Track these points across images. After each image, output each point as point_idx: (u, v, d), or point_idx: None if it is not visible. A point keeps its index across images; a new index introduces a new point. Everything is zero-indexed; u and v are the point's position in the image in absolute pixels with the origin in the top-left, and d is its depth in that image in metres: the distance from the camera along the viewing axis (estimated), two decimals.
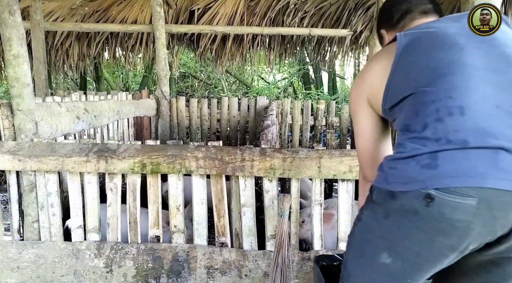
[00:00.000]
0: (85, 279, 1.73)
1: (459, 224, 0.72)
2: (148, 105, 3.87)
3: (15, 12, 1.72)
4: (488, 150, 0.72)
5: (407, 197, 0.76)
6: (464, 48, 0.85)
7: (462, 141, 0.74)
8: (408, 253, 0.79)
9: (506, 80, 0.80)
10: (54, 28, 4.44)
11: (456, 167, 0.73)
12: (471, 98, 0.78)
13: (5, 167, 1.73)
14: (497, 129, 0.74)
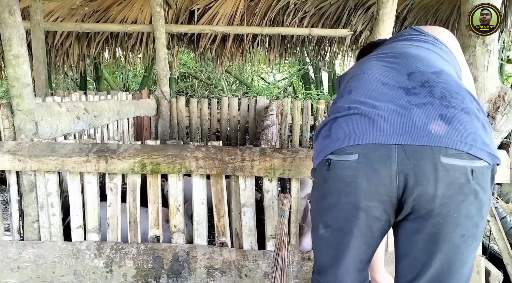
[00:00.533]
0: (85, 279, 1.73)
1: (349, 180, 0.83)
2: (148, 105, 3.87)
3: (15, 12, 1.72)
4: (367, 116, 0.85)
5: (320, 168, 0.91)
6: (368, 68, 1.01)
7: (346, 109, 0.89)
8: (331, 220, 0.91)
9: (397, 68, 0.96)
10: (54, 28, 4.44)
11: (342, 132, 0.87)
12: (361, 82, 0.96)
13: (5, 167, 1.73)
14: (375, 98, 0.88)
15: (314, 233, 1.00)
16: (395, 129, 0.81)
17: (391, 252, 1.72)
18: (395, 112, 0.83)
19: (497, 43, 1.64)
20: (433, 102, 0.84)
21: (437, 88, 0.87)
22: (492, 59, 1.61)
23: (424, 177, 0.79)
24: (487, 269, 1.69)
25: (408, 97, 0.86)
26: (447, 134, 0.79)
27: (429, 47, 1.05)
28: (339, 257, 0.94)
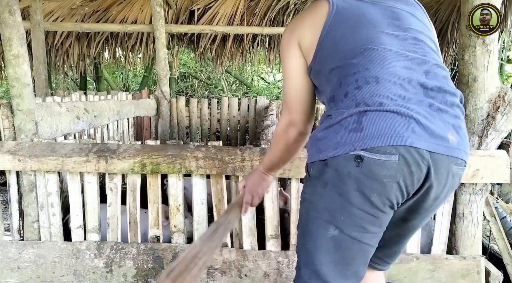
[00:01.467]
0: (85, 279, 1.73)
1: (386, 180, 0.81)
2: (148, 105, 3.87)
3: (15, 12, 1.72)
4: (401, 115, 0.82)
5: (339, 161, 0.84)
6: (384, 30, 0.94)
7: (378, 104, 0.83)
8: (352, 218, 0.85)
9: (414, 59, 0.91)
10: (54, 28, 4.44)
11: (378, 128, 0.81)
12: (384, 70, 0.87)
13: (5, 167, 1.73)
14: (402, 95, 0.85)
15: (316, 237, 0.90)
16: (427, 134, 0.82)
17: None
18: (424, 116, 0.83)
19: (497, 43, 1.64)
20: (447, 110, 0.87)
21: (448, 95, 0.90)
22: (492, 59, 1.61)
23: (438, 182, 0.85)
24: (487, 269, 1.70)
25: (428, 100, 0.86)
26: (458, 145, 0.85)
27: (423, 17, 1.07)
28: (353, 259, 0.90)
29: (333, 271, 0.90)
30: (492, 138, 1.66)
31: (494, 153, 1.62)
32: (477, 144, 1.68)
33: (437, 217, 1.71)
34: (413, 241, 1.71)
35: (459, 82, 1.74)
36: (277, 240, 1.74)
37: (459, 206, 1.72)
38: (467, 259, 1.68)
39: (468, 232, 1.72)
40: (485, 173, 1.59)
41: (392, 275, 1.67)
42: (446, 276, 1.66)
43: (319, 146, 0.89)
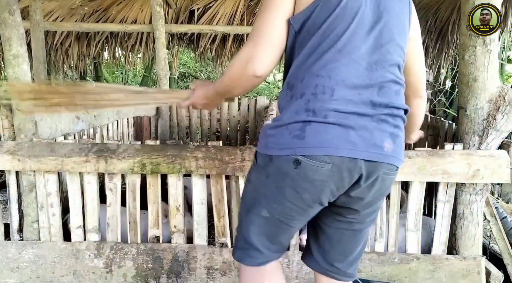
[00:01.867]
0: (84, 279, 1.73)
1: (318, 183, 0.95)
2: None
3: (14, 12, 1.72)
4: (342, 127, 0.93)
5: (281, 161, 0.96)
6: (363, 33, 0.98)
7: (323, 116, 0.93)
8: (283, 208, 1.00)
9: (374, 75, 0.98)
10: (53, 28, 4.44)
11: (318, 139, 0.93)
12: (343, 83, 0.95)
13: (4, 167, 1.73)
14: (350, 104, 0.94)
15: (252, 213, 1.06)
16: (364, 144, 0.94)
17: (391, 253, 1.72)
18: (364, 128, 0.94)
19: (497, 43, 1.64)
20: (388, 120, 0.98)
21: (394, 109, 1.00)
22: (492, 59, 1.61)
23: (366, 185, 0.97)
24: (487, 269, 1.69)
25: (373, 112, 0.96)
26: (392, 152, 0.97)
27: (406, 15, 1.07)
28: (278, 234, 1.07)
29: (261, 241, 1.07)
30: (492, 138, 1.66)
31: (494, 153, 1.62)
32: (478, 144, 1.67)
33: (438, 217, 1.70)
34: (413, 241, 1.71)
35: (459, 82, 1.73)
36: None
37: (459, 206, 1.72)
38: (468, 259, 1.68)
39: (468, 232, 1.72)
40: (485, 173, 1.59)
41: (392, 275, 1.67)
42: (447, 276, 1.66)
43: (267, 142, 1.00)
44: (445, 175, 1.60)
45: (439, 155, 1.62)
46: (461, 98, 1.73)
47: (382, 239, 1.72)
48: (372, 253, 1.71)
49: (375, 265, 1.68)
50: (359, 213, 1.05)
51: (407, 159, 1.60)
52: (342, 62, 0.96)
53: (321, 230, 1.12)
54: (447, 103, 5.41)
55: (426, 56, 4.82)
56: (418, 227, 1.70)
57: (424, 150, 1.65)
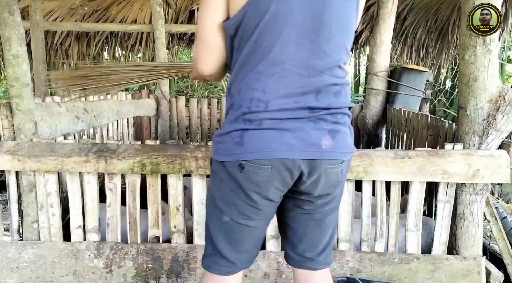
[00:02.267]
0: (84, 279, 1.73)
1: (262, 184, 1.01)
2: (148, 105, 3.86)
3: (14, 12, 1.71)
4: (277, 131, 0.99)
5: (229, 165, 1.02)
6: (297, 39, 0.99)
7: (258, 123, 0.99)
8: (239, 209, 1.05)
9: (311, 80, 1.00)
10: (53, 28, 4.43)
11: (255, 145, 0.99)
12: (278, 94, 0.99)
13: (4, 167, 1.72)
14: (287, 116, 0.99)
15: (216, 220, 1.10)
16: (300, 145, 0.99)
17: (391, 253, 1.72)
18: (301, 129, 1.00)
19: (497, 43, 1.64)
20: (326, 118, 1.03)
21: (332, 109, 1.03)
22: (492, 59, 1.61)
23: (310, 180, 1.03)
24: (487, 270, 1.69)
25: (309, 114, 1.01)
26: (332, 148, 1.02)
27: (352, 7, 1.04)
28: (244, 239, 1.10)
29: (228, 248, 1.10)
30: (492, 138, 1.65)
31: (494, 153, 1.62)
32: (478, 144, 1.67)
33: (438, 217, 1.70)
34: (413, 241, 1.71)
35: (459, 82, 1.73)
36: (277, 240, 1.74)
37: (459, 206, 1.72)
38: (468, 260, 1.67)
39: (468, 232, 1.72)
40: (485, 173, 1.59)
41: (392, 275, 1.67)
42: (447, 277, 1.66)
43: (217, 148, 1.06)
44: (445, 175, 1.60)
45: (439, 155, 1.62)
46: (461, 98, 1.73)
47: (382, 239, 1.72)
48: (372, 253, 1.71)
49: (375, 265, 1.68)
50: (313, 203, 1.10)
51: (407, 159, 1.60)
52: (276, 74, 0.99)
53: (286, 225, 1.18)
54: (447, 103, 5.41)
55: (426, 56, 4.82)
56: (418, 227, 1.70)
57: (424, 150, 1.65)
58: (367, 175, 1.62)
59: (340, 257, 1.70)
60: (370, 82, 3.30)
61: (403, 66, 3.17)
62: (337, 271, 1.68)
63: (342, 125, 1.06)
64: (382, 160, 1.61)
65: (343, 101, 1.06)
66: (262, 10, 0.95)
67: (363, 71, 7.48)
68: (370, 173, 1.61)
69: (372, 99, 3.29)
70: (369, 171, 1.61)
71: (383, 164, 1.60)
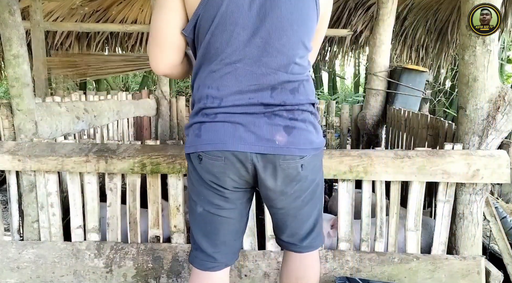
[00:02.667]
0: (85, 279, 1.73)
1: (218, 174, 1.06)
2: (148, 105, 3.87)
3: (15, 12, 1.72)
4: (231, 124, 1.03)
5: (192, 157, 1.09)
6: (246, 38, 1.01)
7: (213, 117, 1.05)
8: (207, 198, 1.10)
9: (265, 77, 1.04)
10: (54, 28, 4.44)
11: (210, 136, 1.04)
12: (231, 91, 1.04)
13: (4, 167, 1.73)
14: (241, 111, 1.04)
15: (192, 213, 1.15)
16: (254, 139, 1.03)
17: (391, 252, 1.72)
18: (254, 124, 1.04)
19: (497, 43, 1.64)
20: (281, 114, 1.05)
21: (288, 106, 1.06)
22: (492, 59, 1.61)
23: (267, 175, 1.06)
24: (487, 269, 1.69)
25: (264, 110, 1.04)
26: (286, 144, 1.04)
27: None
28: (218, 230, 1.13)
29: (205, 241, 1.13)
30: (492, 138, 1.66)
31: (494, 153, 1.62)
32: (478, 144, 1.68)
33: (437, 217, 1.71)
34: (413, 241, 1.71)
35: (459, 82, 1.73)
36: None
37: (459, 206, 1.72)
38: (467, 259, 1.68)
39: (468, 232, 1.72)
40: (485, 173, 1.59)
41: (392, 275, 1.67)
42: (446, 276, 1.66)
43: (186, 142, 1.12)
44: (445, 175, 1.60)
45: (439, 155, 1.62)
46: (461, 98, 1.73)
47: (382, 239, 1.72)
48: (372, 253, 1.71)
49: (375, 265, 1.68)
50: (283, 200, 1.12)
51: (407, 159, 1.60)
52: (230, 72, 1.03)
53: (270, 214, 1.23)
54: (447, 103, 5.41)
55: (426, 56, 4.82)
56: (418, 227, 1.70)
57: (424, 150, 1.66)
58: (367, 175, 1.62)
59: (340, 257, 1.70)
60: (369, 82, 3.30)
61: (402, 66, 3.17)
62: (337, 271, 1.68)
63: (300, 122, 1.08)
64: (382, 160, 1.61)
65: (301, 98, 1.08)
66: (213, 12, 0.99)
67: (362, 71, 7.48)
68: (370, 173, 1.62)
69: (372, 99, 3.29)
70: (369, 171, 1.61)
71: (383, 164, 1.61)
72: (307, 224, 1.20)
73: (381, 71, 3.21)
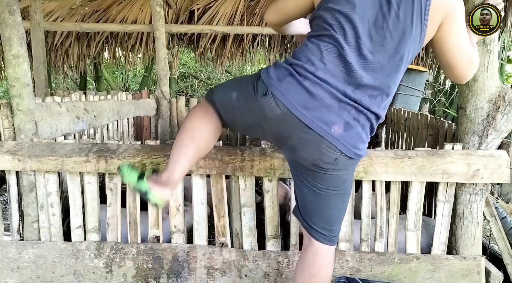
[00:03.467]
0: (85, 279, 1.73)
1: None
2: (148, 105, 3.87)
3: (15, 12, 1.72)
4: (307, 93, 1.16)
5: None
6: (362, 42, 1.16)
7: (304, 78, 1.17)
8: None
9: (354, 75, 1.16)
10: (54, 28, 4.44)
11: (289, 91, 1.16)
12: (325, 71, 1.16)
13: (5, 167, 1.73)
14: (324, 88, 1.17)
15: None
16: (316, 117, 1.15)
17: (391, 252, 1.72)
18: (325, 105, 1.15)
19: (497, 43, 1.64)
20: (350, 111, 1.16)
21: (360, 106, 1.17)
22: (492, 59, 1.61)
23: (305, 142, 1.18)
24: (487, 269, 1.69)
25: (341, 101, 1.15)
26: (338, 136, 1.15)
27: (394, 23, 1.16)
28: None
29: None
30: (492, 138, 1.66)
31: (494, 153, 1.62)
32: (477, 144, 1.68)
33: (437, 217, 1.71)
34: (413, 241, 1.71)
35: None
36: (277, 240, 1.74)
37: (459, 206, 1.72)
38: (467, 259, 1.68)
39: (468, 232, 1.72)
40: (485, 173, 1.59)
41: (392, 275, 1.67)
42: (446, 276, 1.66)
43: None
44: (444, 175, 1.60)
45: (439, 155, 1.62)
46: (461, 98, 1.73)
47: (382, 239, 1.72)
48: (372, 253, 1.71)
49: (375, 265, 1.68)
50: (312, 173, 1.24)
51: (407, 159, 1.60)
52: (336, 62, 1.19)
53: (298, 189, 1.32)
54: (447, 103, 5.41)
55: (426, 56, 4.82)
56: (418, 227, 1.70)
57: (424, 150, 1.66)
58: (367, 175, 1.62)
59: (340, 256, 1.70)
60: None
61: None
62: (337, 270, 1.68)
63: (358, 124, 1.18)
64: (382, 160, 1.61)
65: (373, 106, 1.18)
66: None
67: None
68: (370, 173, 1.62)
69: None
70: (369, 171, 1.61)
71: (383, 164, 1.61)
72: (331, 210, 1.30)
73: None
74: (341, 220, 1.37)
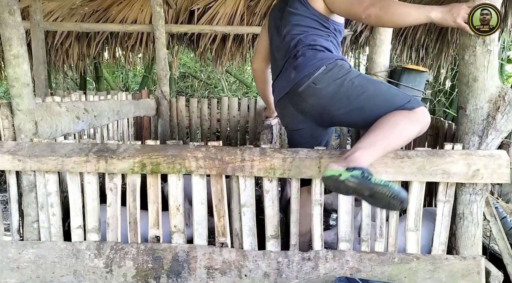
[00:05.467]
0: (85, 279, 1.73)
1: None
2: (148, 105, 3.87)
3: (15, 12, 1.72)
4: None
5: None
6: (276, 40, 1.90)
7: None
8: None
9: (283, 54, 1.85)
10: (54, 28, 4.43)
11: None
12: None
13: (4, 167, 1.73)
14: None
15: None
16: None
17: (391, 252, 1.72)
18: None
19: (497, 43, 1.64)
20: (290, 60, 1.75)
21: (292, 56, 1.74)
22: (492, 59, 1.61)
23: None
24: (487, 269, 1.69)
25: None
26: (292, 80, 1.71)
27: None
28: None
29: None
30: (492, 138, 1.66)
31: (494, 153, 1.62)
32: (477, 144, 1.68)
33: (437, 217, 1.71)
34: (413, 241, 1.71)
35: (459, 82, 1.73)
36: (277, 240, 1.74)
37: (459, 206, 1.72)
38: (467, 259, 1.68)
39: (468, 232, 1.72)
40: (485, 173, 1.59)
41: (392, 275, 1.67)
42: (446, 276, 1.66)
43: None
44: (444, 175, 1.60)
45: (438, 155, 1.62)
46: (461, 98, 1.73)
47: (382, 239, 1.72)
48: (372, 253, 1.71)
49: (375, 265, 1.68)
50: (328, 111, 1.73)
51: (407, 159, 1.60)
52: (273, 57, 2.01)
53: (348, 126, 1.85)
54: (447, 103, 5.40)
55: (426, 56, 4.82)
56: (418, 227, 1.70)
57: (424, 150, 1.66)
58: None
59: (340, 257, 1.70)
60: None
61: (403, 66, 3.16)
62: (337, 271, 1.68)
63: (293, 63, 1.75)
64: (381, 160, 1.61)
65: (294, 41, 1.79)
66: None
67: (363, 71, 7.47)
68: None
69: None
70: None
71: (383, 164, 1.61)
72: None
73: (381, 71, 3.21)
74: (385, 106, 1.58)
